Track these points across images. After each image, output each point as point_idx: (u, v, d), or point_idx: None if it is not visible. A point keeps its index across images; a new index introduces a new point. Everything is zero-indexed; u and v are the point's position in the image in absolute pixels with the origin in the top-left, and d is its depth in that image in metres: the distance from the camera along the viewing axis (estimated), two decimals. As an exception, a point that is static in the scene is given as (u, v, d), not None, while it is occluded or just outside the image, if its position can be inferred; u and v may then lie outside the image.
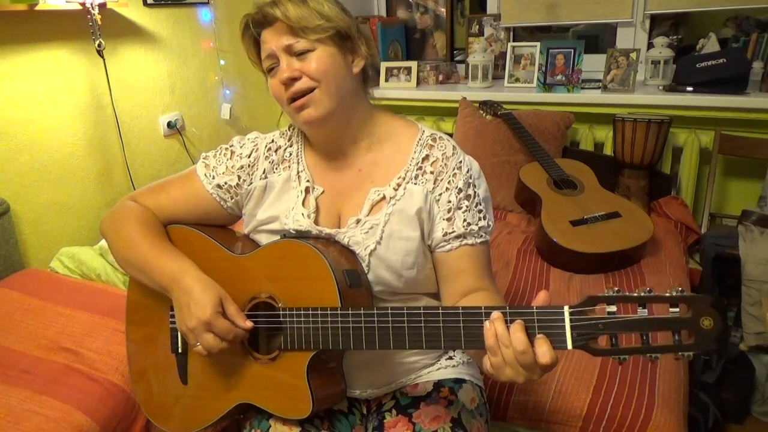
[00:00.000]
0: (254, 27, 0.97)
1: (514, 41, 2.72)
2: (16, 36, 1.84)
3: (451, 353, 1.11)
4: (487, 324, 0.76)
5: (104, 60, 2.06)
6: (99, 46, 2.01)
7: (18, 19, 1.82)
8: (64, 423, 1.21)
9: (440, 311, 0.81)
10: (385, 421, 1.03)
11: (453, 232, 0.96)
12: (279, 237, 1.02)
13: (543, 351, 0.72)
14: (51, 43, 1.94)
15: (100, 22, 1.97)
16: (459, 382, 1.07)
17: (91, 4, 1.93)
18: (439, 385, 1.06)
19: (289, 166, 1.04)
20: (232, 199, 1.07)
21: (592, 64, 2.49)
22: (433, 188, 0.98)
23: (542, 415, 1.30)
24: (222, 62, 2.61)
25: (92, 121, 2.10)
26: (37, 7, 1.79)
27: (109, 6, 2.03)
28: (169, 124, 2.41)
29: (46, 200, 1.98)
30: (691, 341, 0.70)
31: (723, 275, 1.97)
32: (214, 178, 1.06)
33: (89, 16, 1.96)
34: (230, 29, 2.62)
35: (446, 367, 1.09)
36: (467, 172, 0.99)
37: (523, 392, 1.34)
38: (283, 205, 1.03)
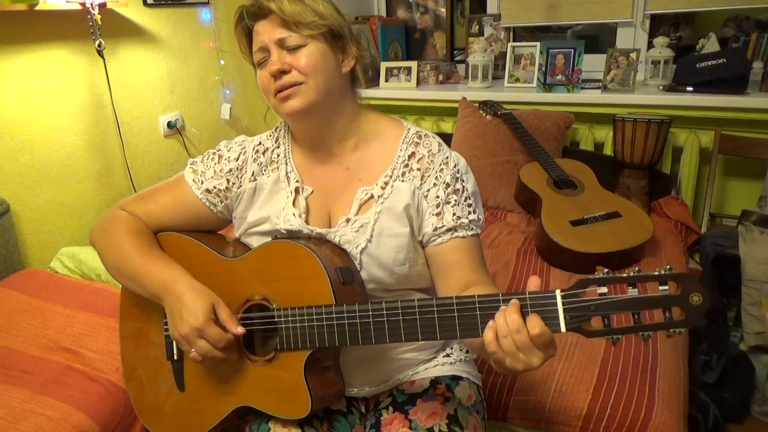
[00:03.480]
0: (248, 18, 0.98)
1: (514, 41, 2.72)
2: (16, 36, 1.84)
3: (448, 350, 1.12)
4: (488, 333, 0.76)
5: (104, 60, 2.07)
6: (99, 46, 2.01)
7: (18, 19, 1.82)
8: (64, 423, 1.22)
9: (434, 302, 0.82)
10: (382, 418, 1.03)
11: (443, 226, 0.97)
12: (270, 238, 1.02)
13: (533, 324, 0.73)
14: (51, 43, 1.94)
15: (100, 22, 1.97)
16: (456, 379, 1.08)
17: (91, 4, 1.93)
18: (435, 382, 1.06)
19: (278, 167, 1.05)
20: (221, 203, 1.07)
21: (592, 64, 2.49)
22: (421, 184, 0.99)
23: (542, 415, 1.30)
24: (222, 62, 2.61)
25: (92, 121, 2.10)
26: (37, 7, 1.79)
27: (109, 6, 2.03)
28: (169, 124, 2.41)
29: (46, 200, 1.99)
30: (681, 318, 0.71)
31: (723, 275, 1.97)
32: (202, 183, 1.06)
33: (89, 16, 1.96)
34: (230, 29, 2.60)
35: (443, 364, 1.09)
36: (454, 167, 1.00)
37: (523, 392, 1.34)
38: (273, 206, 1.03)
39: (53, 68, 1.95)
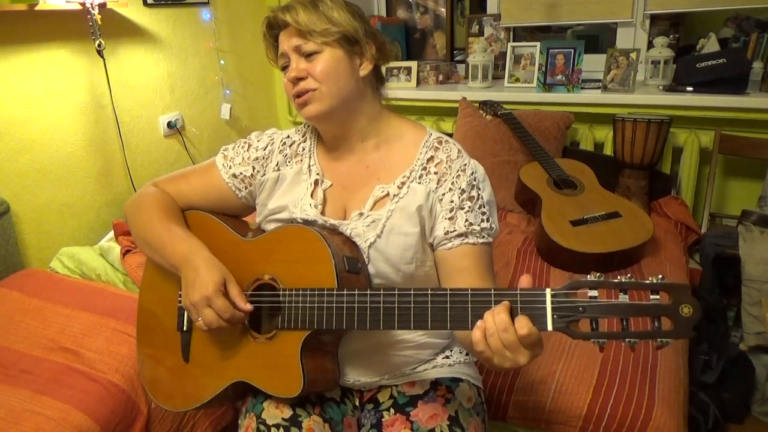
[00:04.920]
0: (271, 30, 1.04)
1: (514, 41, 2.72)
2: (16, 36, 1.84)
3: (447, 352, 1.12)
4: (477, 332, 0.77)
5: (104, 60, 2.06)
6: (99, 46, 2.01)
7: (18, 19, 1.82)
8: (64, 423, 1.21)
9: (429, 293, 0.84)
10: (383, 419, 1.05)
11: (454, 230, 0.98)
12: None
13: (521, 324, 0.74)
14: (51, 43, 1.94)
15: (100, 22, 1.97)
16: (456, 381, 1.08)
17: (91, 4, 1.93)
18: (436, 383, 1.07)
19: (301, 160, 1.10)
20: (246, 189, 1.12)
21: (592, 64, 2.49)
22: (436, 188, 1.01)
23: (542, 415, 1.30)
24: (222, 62, 2.61)
25: (92, 121, 2.10)
26: (37, 7, 1.79)
27: (109, 6, 2.03)
28: (169, 124, 2.41)
29: (46, 200, 1.98)
30: (670, 328, 0.71)
31: (723, 275, 1.97)
32: (230, 168, 1.12)
33: (89, 16, 1.96)
34: (230, 29, 2.62)
35: (443, 366, 1.10)
36: (471, 174, 1.02)
37: (523, 392, 1.34)
38: (293, 195, 1.07)
39: (53, 68, 1.95)
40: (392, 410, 1.05)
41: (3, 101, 1.82)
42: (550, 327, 0.75)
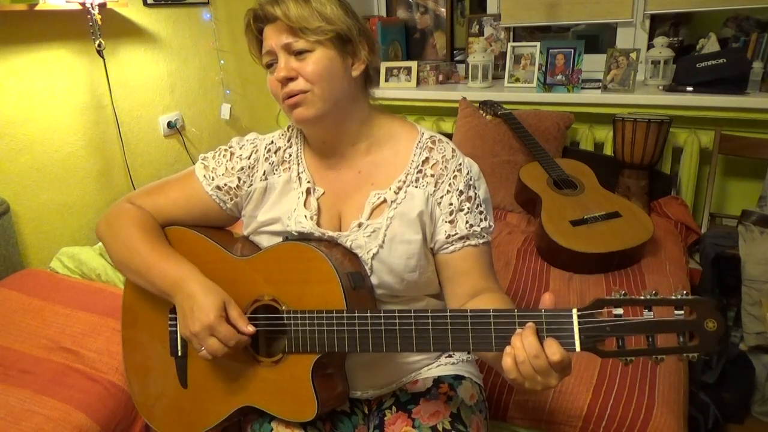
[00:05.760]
0: (256, 22, 0.97)
1: (514, 41, 2.73)
2: (16, 36, 1.84)
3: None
4: (509, 360, 0.76)
5: (104, 60, 2.06)
6: (99, 46, 2.01)
7: (18, 19, 1.82)
8: (64, 423, 1.21)
9: (448, 314, 0.81)
10: (385, 418, 1.03)
11: (456, 234, 0.97)
12: (281, 239, 1.01)
13: (552, 350, 0.73)
14: (51, 43, 1.93)
15: (100, 22, 1.97)
16: (458, 378, 1.08)
17: (91, 4, 1.93)
18: (438, 381, 1.06)
19: (290, 167, 1.04)
20: (231, 200, 1.06)
21: (592, 64, 2.49)
22: (434, 191, 0.98)
23: (542, 415, 1.30)
24: (222, 62, 2.61)
25: (92, 121, 2.10)
26: (37, 7, 1.79)
27: (109, 6, 2.03)
28: (169, 124, 2.41)
29: (46, 200, 1.98)
30: (695, 343, 0.71)
31: (723, 275, 1.97)
32: (213, 179, 1.05)
33: (89, 16, 1.96)
34: (230, 29, 2.62)
35: (445, 364, 1.10)
36: (467, 174, 0.99)
37: (523, 392, 1.34)
38: (284, 206, 1.02)
39: (53, 68, 1.95)
40: (394, 408, 1.04)
41: (3, 101, 1.82)
42: (578, 348, 0.74)
